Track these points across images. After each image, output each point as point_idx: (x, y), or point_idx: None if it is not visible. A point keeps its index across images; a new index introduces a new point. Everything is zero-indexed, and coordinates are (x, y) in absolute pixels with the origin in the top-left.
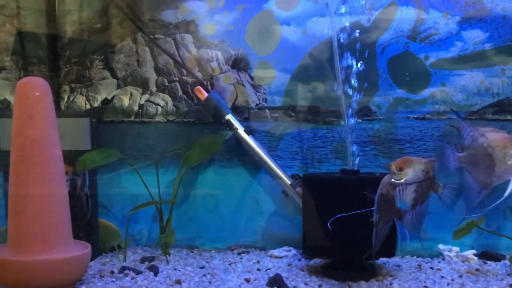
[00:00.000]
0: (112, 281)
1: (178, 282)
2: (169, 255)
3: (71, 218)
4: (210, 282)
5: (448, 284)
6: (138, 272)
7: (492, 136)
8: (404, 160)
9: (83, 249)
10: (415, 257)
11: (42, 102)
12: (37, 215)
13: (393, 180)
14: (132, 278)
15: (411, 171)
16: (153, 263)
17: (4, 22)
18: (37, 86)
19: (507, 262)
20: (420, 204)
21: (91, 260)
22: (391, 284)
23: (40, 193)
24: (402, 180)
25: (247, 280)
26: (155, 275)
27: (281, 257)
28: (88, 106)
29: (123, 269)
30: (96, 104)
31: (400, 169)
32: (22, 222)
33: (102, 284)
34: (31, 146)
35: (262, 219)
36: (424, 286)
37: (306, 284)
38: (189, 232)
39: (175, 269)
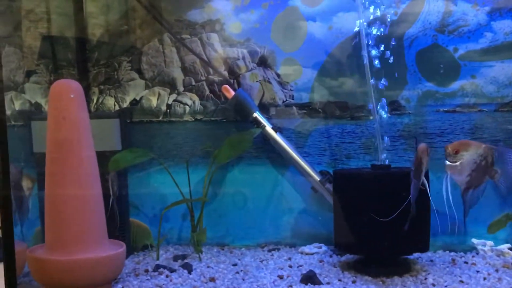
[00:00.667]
0: (147, 279)
1: (212, 279)
2: (201, 253)
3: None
4: (243, 279)
5: (484, 279)
6: (172, 270)
7: None
8: (462, 143)
9: (119, 248)
10: (447, 251)
11: (75, 104)
12: (74, 216)
13: (447, 162)
14: (167, 276)
15: (468, 155)
16: (186, 261)
17: (33, 27)
18: (70, 88)
19: None
20: (474, 188)
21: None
22: (425, 279)
23: (76, 194)
24: (457, 163)
25: (280, 277)
26: (189, 272)
27: (312, 254)
28: (117, 107)
29: (157, 268)
30: (124, 105)
31: (456, 152)
32: (59, 222)
33: (138, 282)
34: (66, 147)
35: (291, 216)
36: (460, 281)
37: (339, 280)
38: (219, 230)
39: (208, 267)
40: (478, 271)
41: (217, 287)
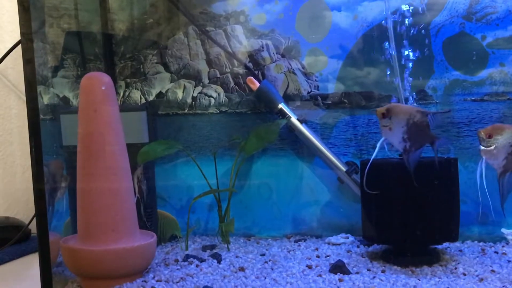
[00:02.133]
0: (178, 269)
1: (242, 269)
2: (229, 243)
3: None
4: (272, 269)
5: None
6: (202, 260)
7: None
8: (495, 127)
9: (149, 238)
10: (476, 242)
11: (106, 96)
12: (105, 207)
13: (482, 147)
14: (197, 265)
15: (502, 138)
16: (215, 251)
17: (59, 22)
18: (101, 80)
19: None
20: (511, 172)
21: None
22: (455, 268)
23: (107, 186)
24: (492, 147)
25: (309, 267)
26: (219, 262)
27: (339, 244)
28: (143, 100)
29: (187, 257)
30: (151, 98)
31: (489, 136)
32: (91, 214)
33: (168, 272)
34: (97, 140)
35: (317, 207)
36: (491, 270)
37: (368, 270)
38: (245, 221)
39: (236, 257)
40: (509, 261)
41: (247, 276)
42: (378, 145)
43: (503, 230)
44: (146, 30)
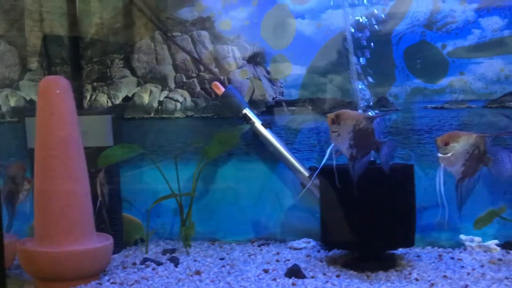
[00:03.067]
0: (134, 272)
1: (198, 272)
2: (190, 247)
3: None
4: (229, 273)
5: (468, 274)
6: (159, 263)
7: None
8: (451, 134)
9: (106, 241)
10: (436, 247)
11: (63, 100)
12: (62, 210)
13: (440, 155)
14: (153, 269)
15: (459, 146)
16: (174, 254)
17: (27, 25)
18: (57, 84)
19: None
20: (469, 177)
21: (116, 253)
22: (410, 274)
23: (65, 189)
24: (449, 154)
25: (266, 271)
26: (176, 266)
27: (300, 249)
28: (109, 104)
29: (144, 261)
30: (117, 102)
31: (446, 144)
32: (48, 216)
33: (125, 274)
34: (54, 143)
35: (282, 211)
36: (444, 276)
37: (324, 274)
38: (210, 225)
39: (195, 261)
40: (463, 267)
41: (202, 280)
42: (328, 151)
43: (462, 236)
44: (114, 34)
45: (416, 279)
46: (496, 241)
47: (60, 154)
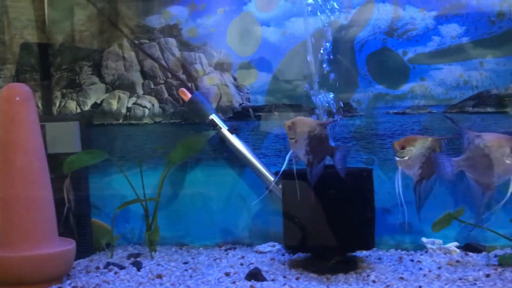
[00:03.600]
0: (97, 275)
1: (159, 276)
2: (155, 251)
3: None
4: (191, 276)
5: (424, 275)
6: (122, 268)
7: (487, 136)
8: (408, 138)
9: (68, 245)
10: (399, 250)
11: (23, 107)
12: (23, 215)
13: (397, 158)
14: (115, 273)
15: (415, 149)
16: (138, 259)
17: None
18: (18, 91)
19: (484, 253)
20: (427, 180)
21: (83, 258)
22: (368, 276)
23: (25, 195)
24: (406, 157)
25: (227, 274)
26: (138, 270)
27: (265, 252)
28: (79, 111)
29: (107, 265)
30: (86, 108)
31: (403, 147)
32: (9, 221)
33: (87, 278)
34: (14, 149)
35: (249, 216)
36: (400, 277)
37: (284, 277)
38: (178, 230)
39: (158, 265)
40: (421, 268)
41: (162, 283)
42: (286, 158)
43: (423, 239)
44: (82, 42)
45: (373, 281)
46: (456, 243)
47: (20, 160)
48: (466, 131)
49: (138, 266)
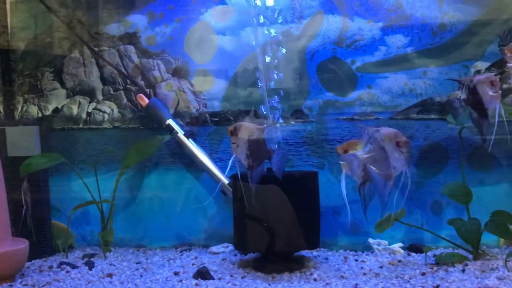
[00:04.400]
0: (49, 274)
1: (110, 275)
2: (109, 252)
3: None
4: (141, 276)
5: (364, 274)
6: (74, 267)
7: (383, 130)
8: (350, 143)
9: (20, 245)
10: (348, 251)
11: None
12: None
13: (341, 161)
14: (67, 271)
15: (357, 153)
16: (92, 259)
17: None
18: None
19: (429, 253)
20: (370, 182)
21: (41, 258)
22: (311, 274)
23: None
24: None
25: (176, 273)
26: (90, 269)
27: (218, 253)
28: (40, 115)
29: (60, 264)
30: (47, 113)
31: (346, 151)
32: None
33: (39, 277)
34: None
35: (205, 218)
36: (341, 276)
37: (231, 276)
38: (137, 232)
39: (111, 264)
40: (362, 268)
41: (112, 282)
42: (230, 162)
43: (370, 240)
44: (44, 48)
45: (315, 279)
46: (400, 244)
47: None
48: (365, 128)
49: (90, 265)
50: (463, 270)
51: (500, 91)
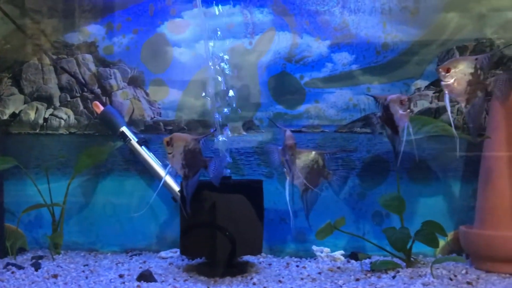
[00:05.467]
0: None
1: (55, 276)
2: (59, 254)
3: None
4: (86, 277)
5: (301, 279)
6: (21, 268)
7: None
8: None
9: None
10: (293, 257)
11: None
12: None
13: (285, 169)
14: (12, 272)
15: (299, 162)
16: (40, 261)
17: None
18: None
19: (366, 261)
20: (311, 190)
21: None
22: (251, 279)
23: None
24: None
25: (121, 276)
26: (36, 270)
27: (167, 258)
28: None
29: (6, 265)
30: (4, 118)
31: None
32: None
33: None
34: None
35: (157, 224)
36: (279, 281)
37: (174, 279)
38: (90, 236)
39: (58, 266)
40: (301, 273)
41: (56, 283)
42: (165, 172)
43: (314, 247)
44: (3, 54)
45: (254, 283)
46: (341, 252)
47: None
48: (285, 129)
49: (36, 266)
50: (394, 277)
51: (408, 110)
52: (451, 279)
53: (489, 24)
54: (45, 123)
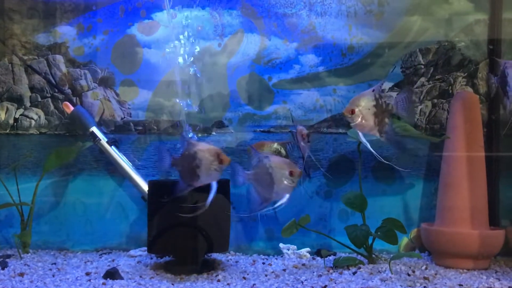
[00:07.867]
0: None
1: (21, 274)
2: (27, 253)
3: None
4: (53, 275)
5: (265, 276)
6: None
7: (273, 158)
8: (257, 144)
9: None
10: (261, 255)
11: None
12: None
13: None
14: None
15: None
16: (7, 260)
17: None
18: None
19: (330, 258)
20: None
21: None
22: (216, 276)
23: None
24: None
25: (88, 274)
26: (2, 269)
27: (136, 256)
28: None
29: None
30: None
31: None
32: None
33: None
34: None
35: (127, 223)
36: (243, 277)
37: (140, 276)
38: (60, 235)
39: (25, 265)
40: (266, 270)
41: (22, 281)
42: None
43: (281, 245)
44: None
45: (218, 280)
46: (308, 249)
47: None
48: (256, 153)
49: (3, 265)
50: (355, 273)
51: (309, 143)
52: (409, 275)
53: (450, 27)
54: (15, 124)
